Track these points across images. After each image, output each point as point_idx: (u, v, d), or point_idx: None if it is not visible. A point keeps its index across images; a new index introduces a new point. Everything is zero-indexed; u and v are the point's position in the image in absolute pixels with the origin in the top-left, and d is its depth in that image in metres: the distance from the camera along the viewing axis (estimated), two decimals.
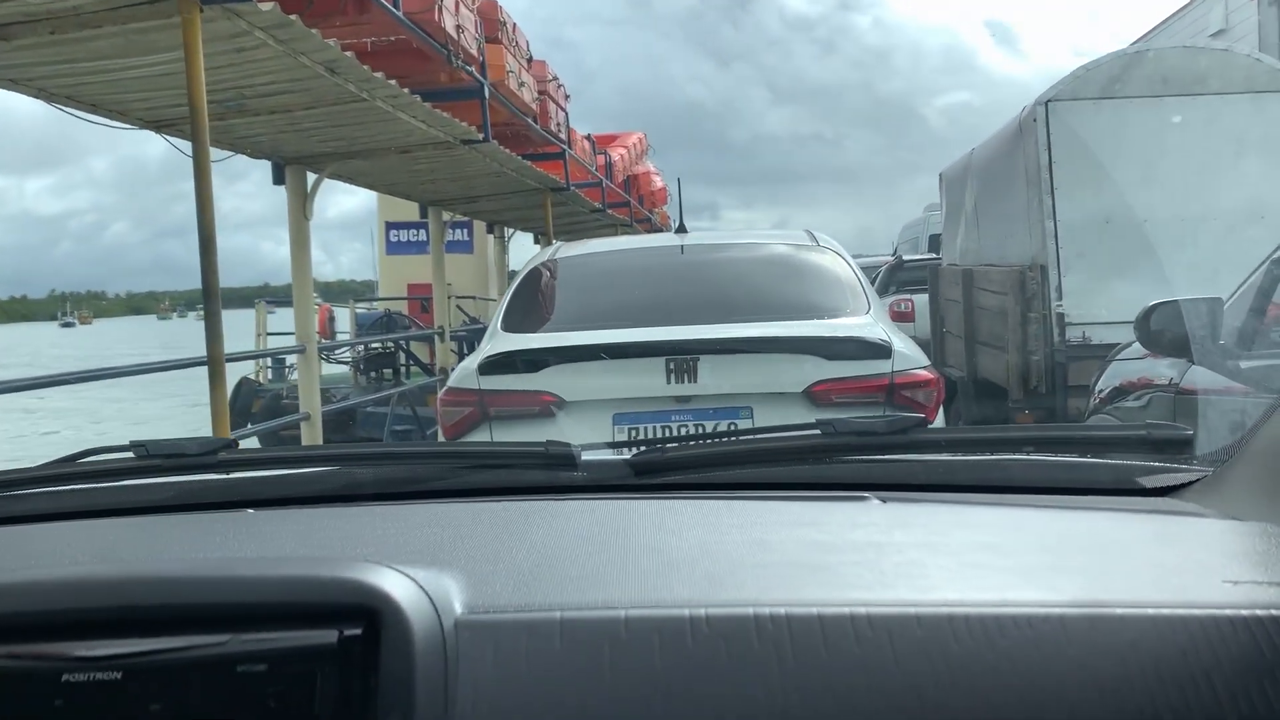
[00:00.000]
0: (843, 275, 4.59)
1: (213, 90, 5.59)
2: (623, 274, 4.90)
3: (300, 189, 7.76)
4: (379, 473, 1.41)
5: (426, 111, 6.65)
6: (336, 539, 1.12)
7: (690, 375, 3.98)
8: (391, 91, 6.03)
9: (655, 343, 4.04)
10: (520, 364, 4.09)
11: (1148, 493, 1.24)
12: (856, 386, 3.95)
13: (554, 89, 10.64)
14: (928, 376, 4.07)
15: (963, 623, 0.83)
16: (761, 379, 4.00)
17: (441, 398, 4.22)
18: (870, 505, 1.19)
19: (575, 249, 5.37)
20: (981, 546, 1.01)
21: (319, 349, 10.53)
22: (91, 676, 0.82)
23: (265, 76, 5.45)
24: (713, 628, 0.84)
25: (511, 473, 1.40)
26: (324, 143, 7.29)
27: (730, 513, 1.14)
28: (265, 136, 7.03)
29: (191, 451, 1.35)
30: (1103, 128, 6.75)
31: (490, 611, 0.87)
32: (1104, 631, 0.82)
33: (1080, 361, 6.64)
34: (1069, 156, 6.76)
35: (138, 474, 1.38)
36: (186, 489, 1.37)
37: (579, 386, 3.99)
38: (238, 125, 6.49)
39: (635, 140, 17.91)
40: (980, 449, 1.42)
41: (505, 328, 4.47)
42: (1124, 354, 5.06)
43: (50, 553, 1.13)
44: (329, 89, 5.80)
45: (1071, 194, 6.77)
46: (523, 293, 4.80)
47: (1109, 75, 6.78)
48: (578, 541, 1.04)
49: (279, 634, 0.84)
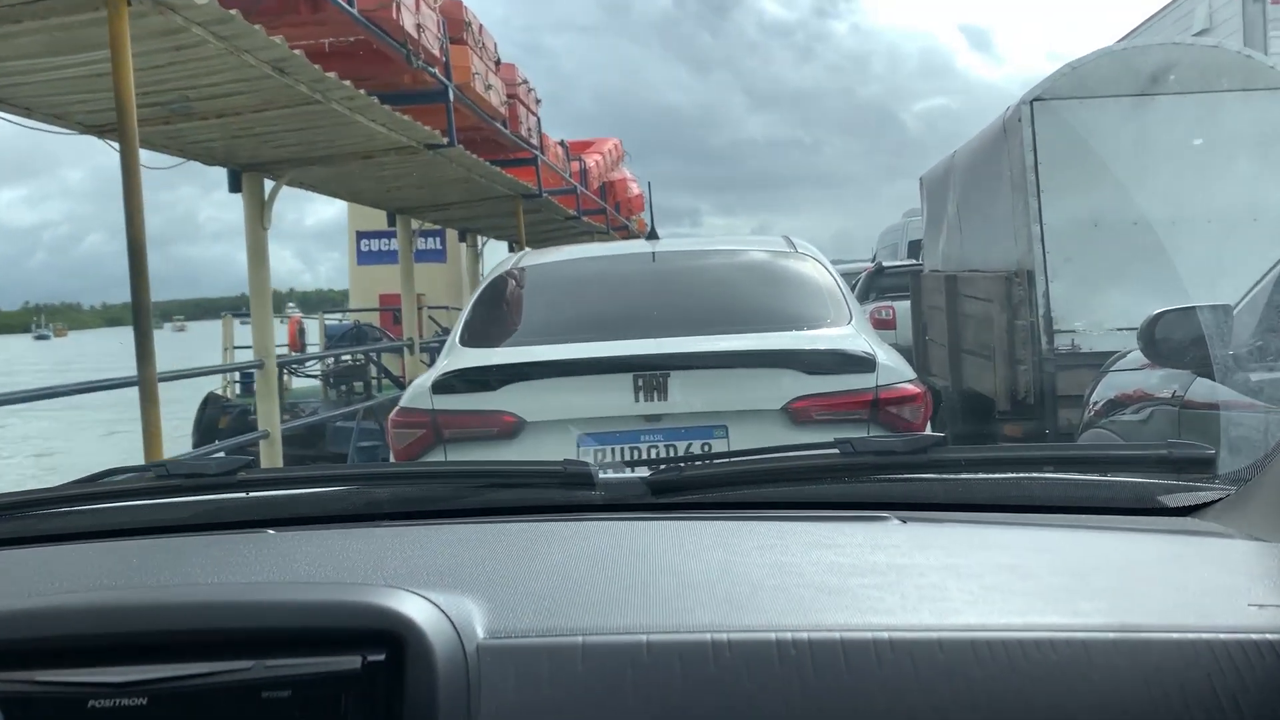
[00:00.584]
0: (822, 283, 4.33)
1: (155, 91, 5.29)
2: (590, 283, 4.62)
3: (257, 197, 7.46)
4: (396, 492, 1.41)
5: (386, 114, 6.36)
6: (357, 561, 1.12)
7: (660, 392, 3.71)
8: (347, 93, 5.72)
9: (622, 357, 3.76)
10: (478, 381, 3.81)
11: (1169, 512, 1.23)
12: (838, 403, 3.69)
13: (524, 93, 10.34)
14: (914, 391, 3.80)
15: (985, 647, 0.82)
16: (737, 395, 3.72)
17: (392, 419, 3.92)
18: (890, 525, 1.18)
19: (541, 257, 5.08)
20: (1002, 568, 1.00)
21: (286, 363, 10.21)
22: (117, 703, 0.82)
23: (210, 77, 5.14)
24: (734, 652, 0.83)
25: (528, 492, 1.40)
26: (280, 148, 6.98)
27: (749, 533, 1.13)
28: (218, 141, 6.72)
29: (211, 471, 1.36)
30: (1090, 127, 6.50)
31: (512, 636, 0.87)
32: (1128, 655, 0.81)
33: (1069, 371, 6.39)
34: (1055, 157, 6.51)
35: (158, 494, 1.38)
36: (206, 508, 1.38)
37: (541, 405, 3.71)
38: (187, 129, 6.18)
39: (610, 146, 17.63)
40: (1000, 468, 1.40)
41: (464, 342, 4.19)
42: (1119, 364, 4.80)
43: (75, 574, 1.14)
44: (280, 90, 5.50)
45: (1058, 196, 6.52)
46: (484, 304, 4.50)
47: (1096, 73, 6.53)
48: (597, 563, 1.04)
49: (303, 660, 0.84)
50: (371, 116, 6.33)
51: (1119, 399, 4.71)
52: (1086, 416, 4.87)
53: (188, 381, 9.11)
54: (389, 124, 6.60)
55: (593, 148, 16.65)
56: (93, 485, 1.43)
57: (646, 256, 4.65)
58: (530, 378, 3.78)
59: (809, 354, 3.78)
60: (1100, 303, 6.41)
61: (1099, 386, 4.89)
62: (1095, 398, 4.86)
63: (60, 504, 1.38)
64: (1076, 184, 6.51)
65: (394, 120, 6.55)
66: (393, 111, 6.37)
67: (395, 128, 6.77)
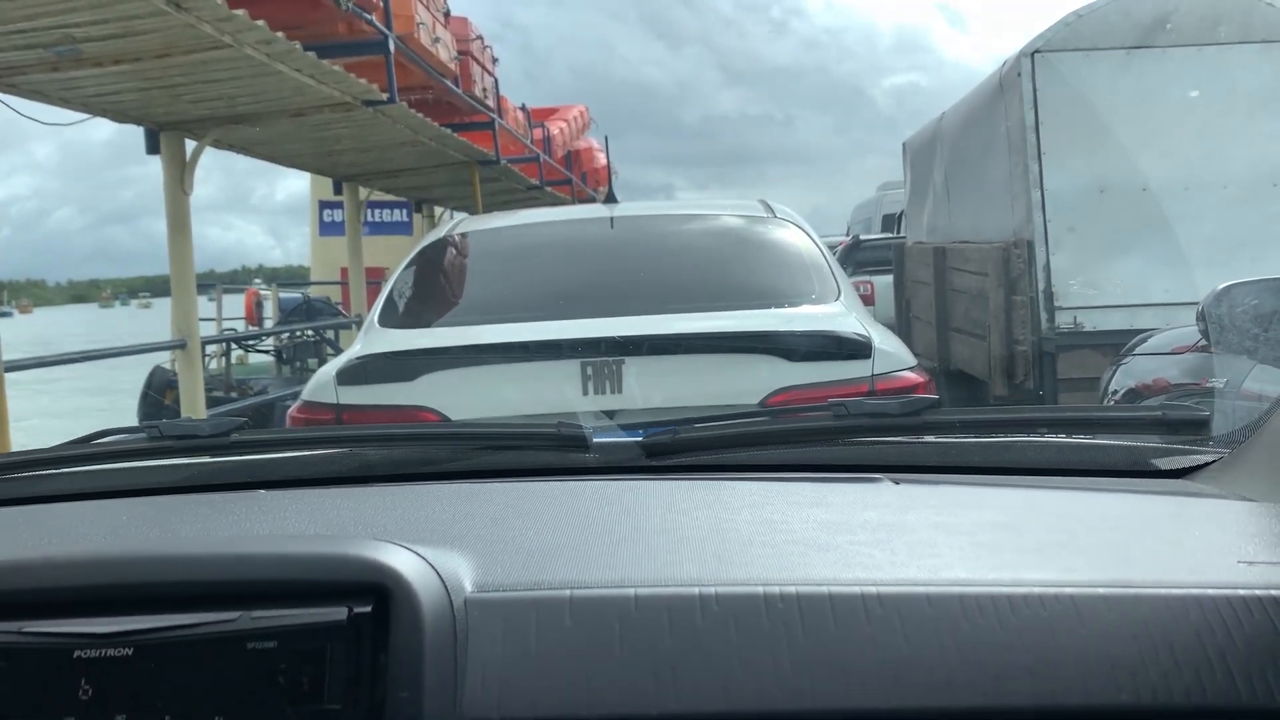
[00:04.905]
0: (805, 253, 3.69)
1: (30, 31, 4.57)
2: (536, 253, 3.95)
3: (177, 159, 6.73)
4: (390, 454, 1.42)
5: (311, 63, 5.63)
6: (348, 519, 1.13)
7: (614, 383, 3.08)
8: (261, 35, 5.00)
9: (567, 340, 3.11)
10: (392, 370, 3.17)
11: (1162, 474, 1.23)
12: (827, 395, 3.04)
13: (478, 50, 9.59)
14: (916, 379, 3.19)
15: (974, 601, 0.83)
16: (705, 387, 3.08)
17: (292, 414, 3.26)
18: (882, 486, 1.19)
19: (481, 222, 4.42)
20: (994, 526, 1.01)
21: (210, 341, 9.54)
22: (103, 653, 0.84)
23: (93, 12, 4.41)
24: (722, 606, 0.84)
25: (523, 454, 1.39)
26: (198, 103, 6.25)
27: (741, 493, 1.15)
28: (128, 95, 5.98)
29: (204, 433, 1.36)
30: (1096, 82, 5.88)
31: (500, 589, 0.88)
32: (1118, 611, 0.82)
33: (1071, 351, 5.82)
34: (1058, 116, 5.90)
35: (151, 455, 1.39)
36: (200, 470, 1.39)
37: (468, 400, 3.06)
38: (83, 79, 5.44)
39: (576, 114, 16.86)
40: (994, 430, 1.41)
41: (383, 322, 3.52)
42: (1141, 348, 4.21)
43: (66, 531, 1.16)
44: (182, 33, 4.78)
45: (1060, 159, 5.91)
46: (410, 278, 3.83)
47: (1104, 22, 5.90)
48: (588, 522, 1.05)
49: (289, 611, 0.84)
50: (295, 65, 5.61)
51: (1140, 388, 4.12)
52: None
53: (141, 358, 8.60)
54: (317, 75, 5.88)
55: (557, 114, 15.86)
56: (86, 446, 1.44)
57: (603, 222, 3.99)
58: (455, 365, 3.14)
59: (791, 336, 3.15)
60: (1106, 276, 5.84)
61: (1117, 373, 4.31)
62: (1114, 386, 4.27)
63: (55, 464, 1.39)
64: (1080, 146, 5.91)
65: (321, 70, 5.83)
66: (318, 60, 5.65)
67: (325, 80, 6.05)
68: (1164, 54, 5.83)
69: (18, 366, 5.40)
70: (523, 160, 12.65)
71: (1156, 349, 4.00)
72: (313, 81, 6.01)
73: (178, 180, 6.74)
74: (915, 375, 3.18)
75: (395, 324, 3.51)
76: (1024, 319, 5.95)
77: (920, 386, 3.16)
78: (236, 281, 28.72)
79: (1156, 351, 3.99)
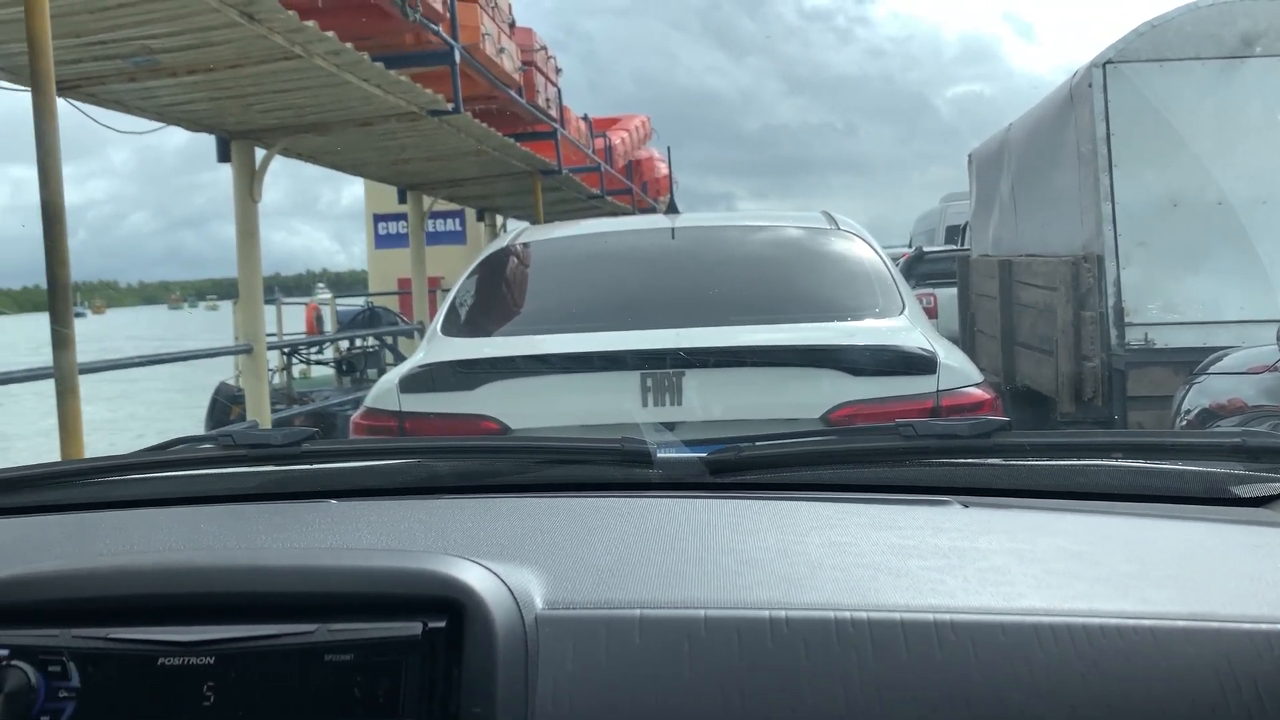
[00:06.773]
0: (869, 265, 3.65)
1: (110, 42, 4.69)
2: (598, 263, 3.95)
3: (247, 167, 6.87)
4: (457, 466, 1.43)
5: (379, 73, 5.71)
6: (418, 530, 1.13)
7: (674, 395, 3.06)
8: (330, 46, 5.08)
9: (628, 351, 3.11)
10: (454, 378, 3.18)
11: (1242, 502, 1.20)
12: (891, 411, 3.00)
13: (542, 60, 9.65)
14: (982, 396, 3.12)
15: (1049, 631, 0.81)
16: (766, 400, 3.05)
17: (355, 420, 3.29)
18: (952, 509, 1.16)
19: (544, 232, 4.44)
20: (1068, 554, 0.99)
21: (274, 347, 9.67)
22: (186, 661, 0.85)
23: (170, 24, 4.51)
24: (793, 629, 0.84)
25: (587, 468, 1.39)
26: (268, 112, 6.37)
27: (808, 514, 1.14)
28: (201, 104, 6.12)
29: (276, 442, 1.38)
30: (1170, 94, 5.75)
31: (571, 607, 0.88)
32: (1197, 645, 0.80)
33: (1142, 369, 5.68)
34: (1130, 128, 5.77)
35: (225, 463, 1.41)
36: (272, 478, 1.40)
37: (528, 409, 3.07)
38: (158, 88, 5.57)
39: (638, 124, 16.90)
40: (1067, 454, 1.35)
41: (445, 331, 3.54)
42: (1217, 367, 4.09)
43: (145, 538, 1.17)
44: (254, 43, 4.87)
45: (1132, 172, 5.78)
46: (473, 286, 3.85)
47: (1179, 32, 5.76)
48: (655, 540, 1.04)
49: (365, 625, 0.85)
50: (363, 76, 5.69)
51: (1214, 408, 4.00)
52: (1177, 427, 4.16)
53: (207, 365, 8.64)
54: (384, 85, 5.96)
55: (619, 124, 15.91)
56: (162, 453, 1.47)
57: (664, 233, 3.98)
58: (516, 375, 3.15)
59: (854, 350, 3.11)
60: (1178, 292, 5.69)
61: (1190, 392, 4.19)
62: (1186, 405, 4.15)
63: (131, 470, 1.42)
64: (1153, 158, 5.77)
65: (389, 81, 5.90)
66: (385, 70, 5.72)
67: (392, 90, 6.13)
68: (1242, 64, 5.68)
69: (89, 369, 5.52)
70: (584, 170, 12.71)
71: (1232, 368, 3.89)
72: (380, 91, 6.09)
73: (247, 188, 6.87)
74: (981, 391, 3.12)
75: (457, 333, 3.53)
76: (1093, 335, 5.82)
77: (986, 403, 3.10)
78: (301, 285, 29.19)
79: (1232, 371, 3.87)
